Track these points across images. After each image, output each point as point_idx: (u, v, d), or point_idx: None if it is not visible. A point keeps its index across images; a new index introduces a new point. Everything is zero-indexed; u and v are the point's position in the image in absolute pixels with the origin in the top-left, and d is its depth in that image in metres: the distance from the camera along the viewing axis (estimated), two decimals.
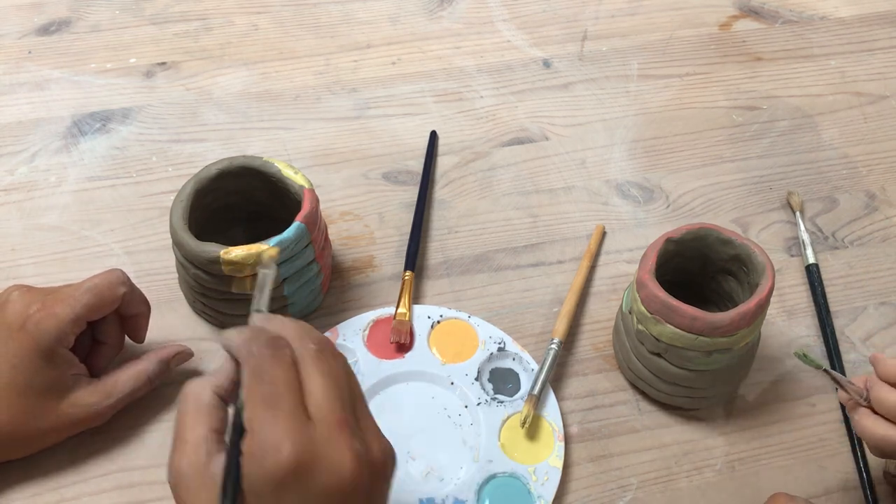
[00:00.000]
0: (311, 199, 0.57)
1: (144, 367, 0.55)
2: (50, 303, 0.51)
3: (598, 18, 0.85)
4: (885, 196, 0.72)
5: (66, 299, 0.51)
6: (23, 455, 0.53)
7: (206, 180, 0.58)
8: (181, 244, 0.55)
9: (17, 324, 0.50)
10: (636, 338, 0.56)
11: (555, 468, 0.55)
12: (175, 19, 0.83)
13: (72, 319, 0.51)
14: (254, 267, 0.54)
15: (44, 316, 0.50)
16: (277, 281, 0.53)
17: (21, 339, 0.50)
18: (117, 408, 0.54)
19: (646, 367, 0.57)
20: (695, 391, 0.57)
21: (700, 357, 0.54)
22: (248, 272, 0.55)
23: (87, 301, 0.51)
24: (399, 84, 0.78)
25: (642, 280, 0.54)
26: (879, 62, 0.82)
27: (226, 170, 0.58)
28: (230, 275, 0.55)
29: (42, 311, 0.50)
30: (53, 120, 0.74)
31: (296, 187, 0.58)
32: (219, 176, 0.58)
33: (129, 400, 0.55)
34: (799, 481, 0.57)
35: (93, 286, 0.52)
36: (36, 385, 0.51)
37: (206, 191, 0.58)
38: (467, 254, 0.67)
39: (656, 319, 0.53)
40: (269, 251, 0.53)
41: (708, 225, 0.57)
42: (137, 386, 0.55)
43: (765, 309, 0.54)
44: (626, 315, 0.57)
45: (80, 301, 0.51)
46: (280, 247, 0.55)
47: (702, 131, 0.76)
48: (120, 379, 0.54)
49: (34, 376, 0.50)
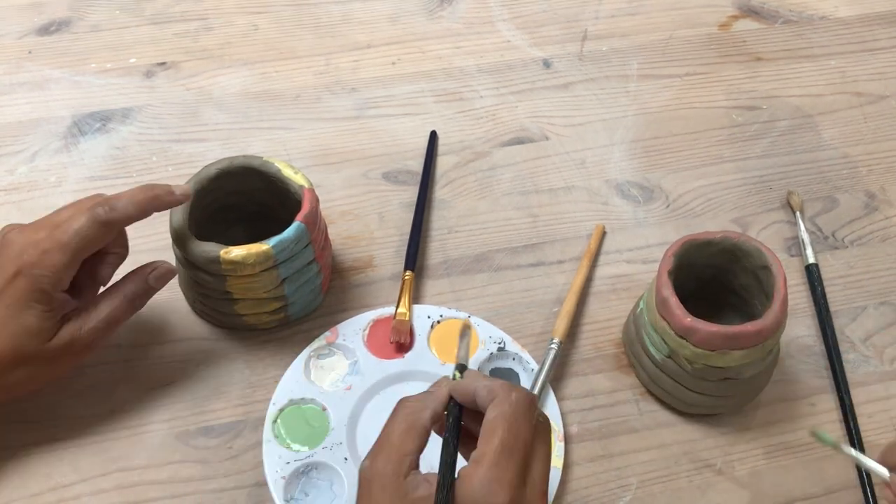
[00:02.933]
0: (311, 199, 0.57)
1: (120, 287, 0.54)
2: (42, 247, 0.51)
3: (598, 18, 0.85)
4: (885, 196, 0.72)
5: (57, 240, 0.51)
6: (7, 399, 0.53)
7: (205, 180, 0.58)
8: (181, 244, 0.55)
9: (13, 268, 0.50)
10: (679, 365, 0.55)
11: (555, 468, 0.55)
12: (175, 19, 0.83)
13: (66, 265, 0.51)
14: (253, 266, 0.55)
15: (38, 263, 0.50)
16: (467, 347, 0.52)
17: (18, 283, 0.50)
18: (101, 334, 0.53)
19: (678, 381, 0.57)
20: (723, 399, 0.57)
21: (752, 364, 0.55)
22: (247, 272, 0.55)
23: (77, 244, 0.51)
24: (399, 84, 0.78)
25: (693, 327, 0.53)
26: (879, 62, 0.82)
27: (225, 169, 0.59)
28: (229, 275, 0.55)
29: (34, 255, 0.50)
30: (53, 120, 0.74)
31: (295, 187, 0.58)
32: (218, 176, 0.58)
33: (112, 324, 0.54)
34: (799, 481, 0.57)
35: (79, 226, 0.51)
36: (28, 326, 0.51)
37: (205, 191, 0.58)
38: (467, 254, 0.67)
39: (721, 353, 0.53)
40: (465, 322, 0.54)
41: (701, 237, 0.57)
42: (115, 306, 0.54)
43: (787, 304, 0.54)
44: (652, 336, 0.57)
45: (71, 242, 0.51)
46: (279, 247, 0.55)
47: (702, 131, 0.76)
48: (99, 304, 0.54)
49: (28, 318, 0.50)
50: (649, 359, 0.57)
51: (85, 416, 0.58)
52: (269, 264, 0.55)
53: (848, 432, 0.58)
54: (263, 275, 0.56)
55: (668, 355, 0.56)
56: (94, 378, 0.59)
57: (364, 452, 0.55)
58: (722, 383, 0.55)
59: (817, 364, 0.62)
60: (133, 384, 0.59)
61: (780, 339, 0.57)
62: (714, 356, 0.53)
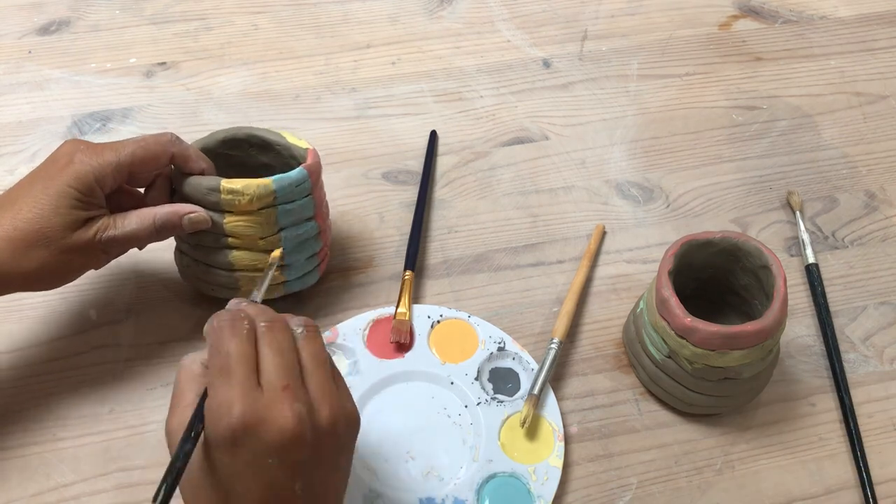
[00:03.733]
0: (315, 155, 0.58)
1: (154, 212, 0.55)
2: (99, 148, 0.54)
3: (598, 18, 0.85)
4: (885, 196, 0.72)
5: (114, 146, 0.54)
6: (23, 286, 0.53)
7: (210, 146, 0.59)
8: (185, 183, 0.56)
9: (63, 160, 0.53)
10: (679, 365, 0.55)
11: (555, 468, 0.55)
12: (175, 19, 0.83)
13: (115, 162, 0.53)
14: (251, 200, 0.55)
15: (89, 155, 0.53)
16: (274, 274, 0.55)
17: (64, 172, 0.52)
18: (119, 244, 0.54)
19: (678, 381, 0.57)
20: (723, 399, 0.57)
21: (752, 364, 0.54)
22: (246, 205, 0.55)
23: (134, 151, 0.54)
24: (399, 84, 0.78)
25: (693, 327, 0.53)
26: (879, 62, 0.82)
27: (230, 137, 0.59)
28: (227, 210, 0.55)
29: (88, 151, 0.53)
30: (53, 120, 0.74)
31: (300, 151, 0.59)
32: (223, 143, 0.59)
33: (131, 240, 0.55)
34: (799, 481, 0.57)
35: (142, 139, 0.55)
36: (59, 208, 0.52)
37: (210, 157, 0.58)
38: (467, 254, 0.67)
39: (721, 353, 0.53)
40: (274, 253, 0.54)
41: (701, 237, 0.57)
42: (142, 227, 0.54)
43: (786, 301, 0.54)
44: (652, 336, 0.57)
45: (127, 149, 0.54)
46: (280, 183, 0.55)
47: (701, 131, 0.76)
48: (128, 216, 0.55)
49: (62, 202, 0.52)
50: (649, 359, 0.57)
51: (85, 416, 0.58)
52: (269, 201, 0.55)
53: (848, 432, 0.58)
54: (262, 213, 0.56)
55: (667, 355, 0.56)
56: (94, 378, 0.59)
57: (364, 453, 0.56)
58: (722, 383, 0.55)
59: (817, 364, 0.62)
60: (133, 384, 0.59)
61: (780, 339, 0.57)
62: (714, 356, 0.53)
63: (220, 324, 0.43)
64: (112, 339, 0.61)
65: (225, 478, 0.41)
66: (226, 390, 0.41)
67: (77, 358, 0.60)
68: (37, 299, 0.62)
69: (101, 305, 0.63)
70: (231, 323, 0.43)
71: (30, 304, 0.62)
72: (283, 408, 0.41)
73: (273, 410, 0.41)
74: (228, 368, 0.42)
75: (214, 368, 0.42)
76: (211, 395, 0.41)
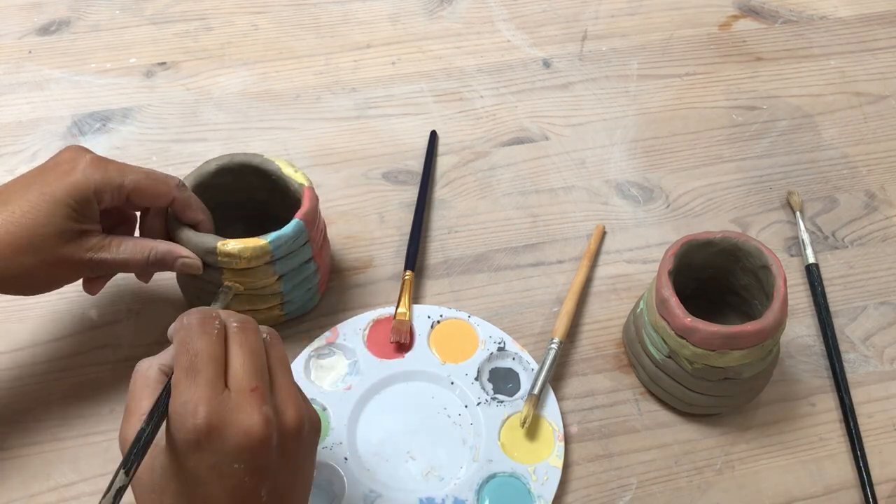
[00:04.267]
0: (311, 197, 0.57)
1: (151, 245, 0.54)
2: (104, 162, 0.52)
3: (598, 18, 0.85)
4: (885, 196, 0.72)
5: (120, 166, 0.53)
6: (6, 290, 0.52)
7: (205, 175, 0.58)
8: (179, 236, 0.56)
9: (65, 167, 0.52)
10: (679, 365, 0.55)
11: (555, 468, 0.55)
12: (175, 19, 0.83)
13: (117, 182, 0.52)
14: (249, 261, 0.55)
15: (93, 168, 0.52)
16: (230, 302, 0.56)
17: (64, 181, 0.51)
18: (107, 268, 0.53)
19: (678, 381, 0.57)
20: (723, 399, 0.57)
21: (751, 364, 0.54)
22: (243, 265, 0.55)
23: (139, 180, 0.53)
24: (399, 84, 0.78)
25: (693, 327, 0.53)
26: (879, 62, 0.82)
27: (225, 166, 0.59)
28: (225, 267, 0.55)
29: (92, 163, 0.52)
30: (53, 120, 0.74)
31: (295, 185, 0.58)
32: (218, 172, 0.58)
33: (121, 267, 0.54)
34: (799, 481, 0.57)
35: (151, 171, 0.54)
36: (54, 218, 0.50)
37: (205, 186, 0.58)
38: (467, 254, 0.67)
39: (721, 353, 0.53)
40: (236, 286, 0.56)
41: (701, 237, 0.57)
42: (135, 257, 0.53)
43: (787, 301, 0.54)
44: (652, 336, 0.57)
45: (133, 175, 0.53)
46: (276, 242, 0.55)
47: (701, 131, 0.76)
48: (123, 243, 0.53)
49: (58, 211, 0.50)
50: (649, 359, 0.57)
51: (85, 416, 0.58)
52: (266, 259, 0.55)
53: (848, 432, 0.58)
54: (260, 269, 0.56)
55: (667, 355, 0.56)
56: (94, 378, 0.59)
57: (364, 453, 0.56)
58: (722, 383, 0.55)
59: (817, 364, 0.62)
60: None
61: (780, 339, 0.57)
62: (714, 356, 0.53)
63: (189, 321, 0.42)
64: (112, 339, 0.61)
65: (187, 482, 0.40)
66: (192, 391, 0.40)
67: (77, 358, 0.60)
68: (37, 299, 0.62)
69: (101, 305, 0.63)
70: (201, 321, 0.42)
71: (30, 304, 0.62)
72: (252, 410, 0.40)
73: (240, 413, 0.40)
74: (195, 367, 0.40)
75: (181, 367, 0.41)
76: (175, 394, 0.40)
